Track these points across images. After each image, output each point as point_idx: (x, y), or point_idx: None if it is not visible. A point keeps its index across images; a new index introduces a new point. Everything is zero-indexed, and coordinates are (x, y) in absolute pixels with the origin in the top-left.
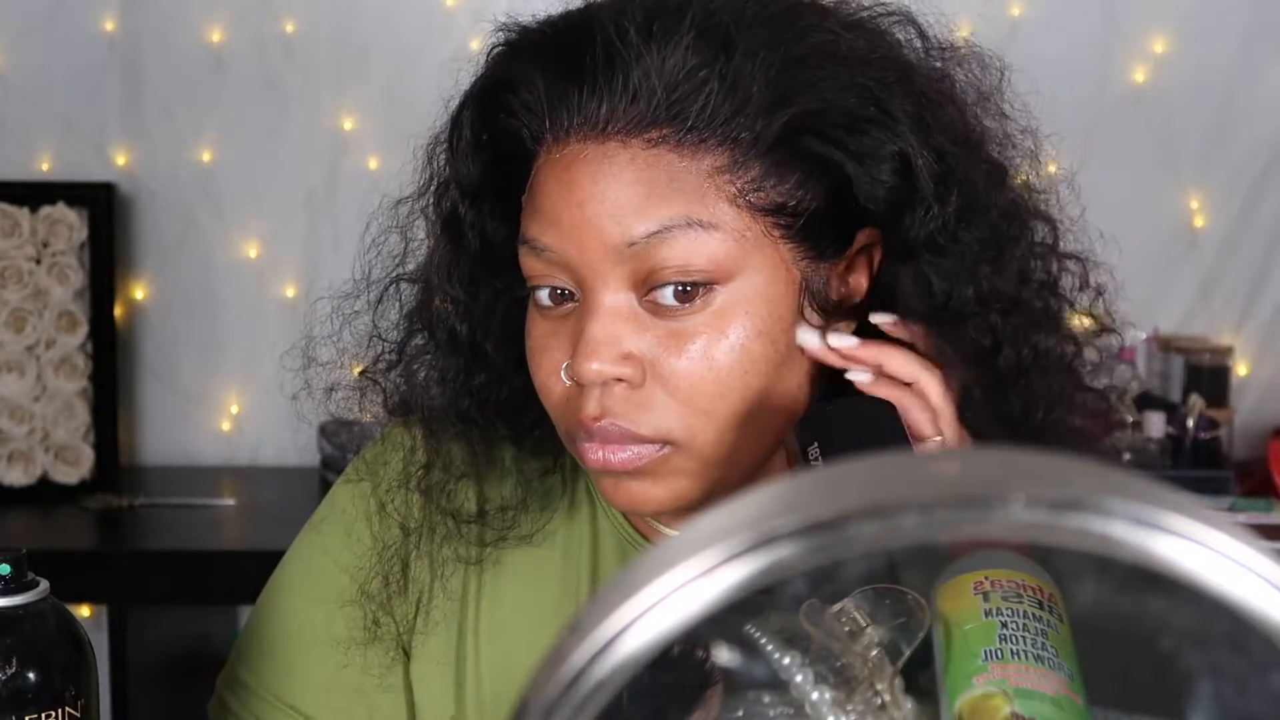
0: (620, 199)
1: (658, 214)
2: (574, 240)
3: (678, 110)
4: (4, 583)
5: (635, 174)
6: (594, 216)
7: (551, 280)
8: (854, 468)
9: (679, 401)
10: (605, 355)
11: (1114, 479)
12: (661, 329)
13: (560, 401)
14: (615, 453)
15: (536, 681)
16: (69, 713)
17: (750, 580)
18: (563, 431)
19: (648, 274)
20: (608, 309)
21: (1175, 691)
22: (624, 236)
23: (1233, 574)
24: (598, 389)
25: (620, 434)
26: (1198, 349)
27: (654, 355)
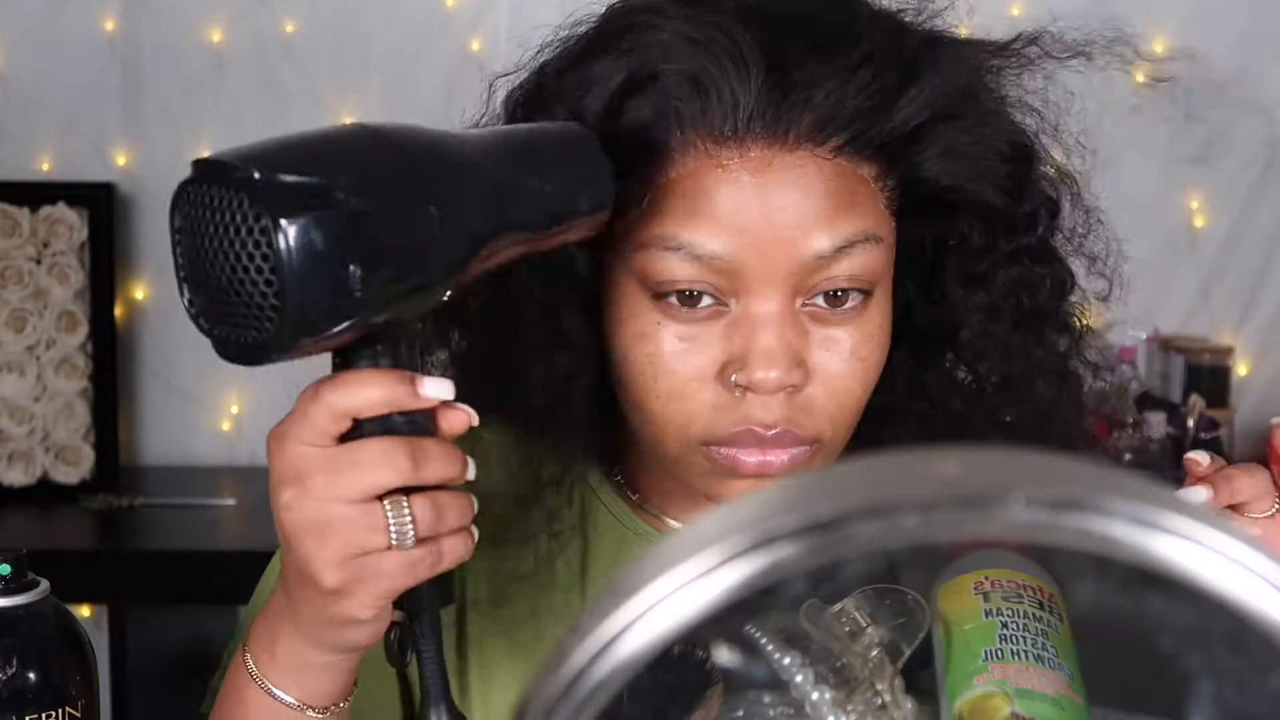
0: (811, 212)
1: (845, 229)
2: (756, 250)
3: (855, 121)
4: (4, 583)
5: (824, 186)
6: (784, 228)
7: (701, 285)
8: (854, 468)
9: (835, 403)
10: (783, 363)
11: (1114, 479)
12: (819, 333)
13: (703, 408)
14: (778, 456)
15: (536, 681)
16: (69, 713)
17: (750, 580)
18: (686, 437)
19: (815, 284)
20: (778, 316)
21: (1175, 691)
22: (812, 250)
23: (1233, 574)
24: (768, 396)
25: (789, 438)
26: (1198, 349)
27: (814, 359)
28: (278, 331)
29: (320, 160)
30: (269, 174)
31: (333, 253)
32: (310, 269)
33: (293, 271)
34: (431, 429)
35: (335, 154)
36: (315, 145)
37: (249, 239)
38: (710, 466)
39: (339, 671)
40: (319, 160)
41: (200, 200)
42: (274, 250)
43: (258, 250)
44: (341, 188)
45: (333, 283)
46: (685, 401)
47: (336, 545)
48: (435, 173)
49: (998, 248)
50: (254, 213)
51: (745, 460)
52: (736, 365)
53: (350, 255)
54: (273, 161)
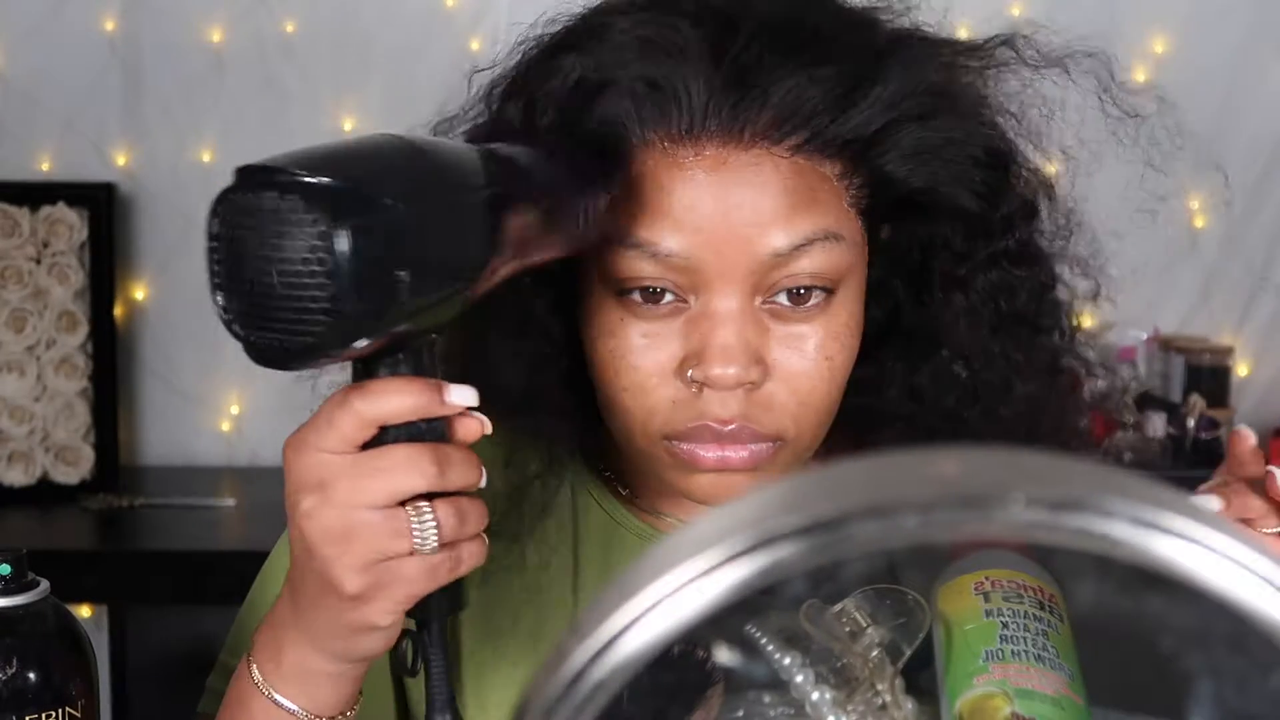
0: (767, 210)
1: (803, 227)
2: (713, 249)
3: (813, 119)
4: (4, 583)
5: (781, 184)
6: (740, 226)
7: (662, 282)
8: (854, 468)
9: (797, 401)
10: (741, 360)
11: (1114, 479)
12: (780, 330)
13: (662, 403)
14: (737, 452)
15: (536, 681)
16: (69, 713)
17: (750, 580)
18: (648, 431)
19: (775, 281)
20: (737, 313)
21: (1175, 691)
22: (769, 248)
23: (1233, 574)
24: (726, 392)
25: (747, 434)
26: (1198, 349)
27: (775, 356)
28: (326, 335)
29: (370, 168)
30: (322, 179)
31: (385, 259)
32: (364, 274)
33: (348, 275)
34: (448, 435)
35: (382, 163)
36: (362, 153)
37: (304, 243)
38: (672, 460)
39: (347, 681)
40: (369, 168)
41: (247, 206)
42: (331, 254)
43: (314, 254)
44: (392, 195)
45: (382, 289)
46: (646, 396)
47: (359, 551)
48: (472, 183)
49: (976, 252)
50: (311, 217)
51: (704, 455)
52: (694, 361)
53: (400, 262)
54: (324, 167)
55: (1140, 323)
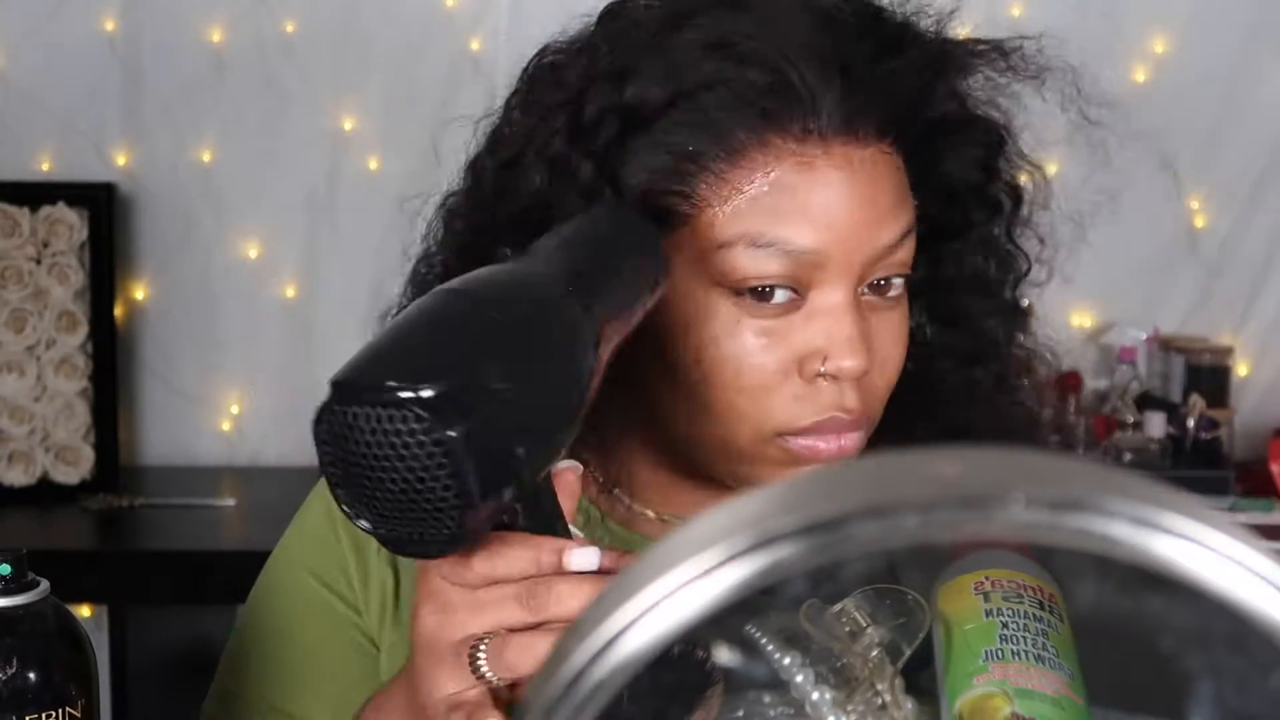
0: (883, 205)
1: (904, 220)
2: (843, 246)
3: (903, 118)
4: (4, 583)
5: (890, 179)
6: (867, 219)
7: (784, 280)
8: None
9: (885, 385)
10: (864, 351)
11: (1114, 479)
12: (873, 319)
13: (784, 400)
14: (852, 440)
15: (536, 682)
16: (69, 713)
17: (750, 580)
18: (763, 431)
19: (875, 272)
20: (850, 305)
21: (1175, 691)
22: (883, 241)
23: (1233, 574)
24: (846, 383)
25: (863, 422)
26: (1198, 349)
27: (873, 343)
28: (459, 526)
29: (462, 356)
30: (424, 391)
31: (502, 443)
32: (486, 466)
33: (472, 473)
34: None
35: (470, 344)
36: (443, 339)
37: (420, 453)
38: (784, 457)
39: None
40: (461, 357)
41: (349, 422)
42: (451, 458)
43: (432, 460)
44: (491, 377)
45: (506, 470)
46: (770, 395)
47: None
48: (553, 326)
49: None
50: (422, 427)
51: (824, 447)
52: (819, 355)
53: (515, 440)
54: (415, 370)
55: (1140, 323)
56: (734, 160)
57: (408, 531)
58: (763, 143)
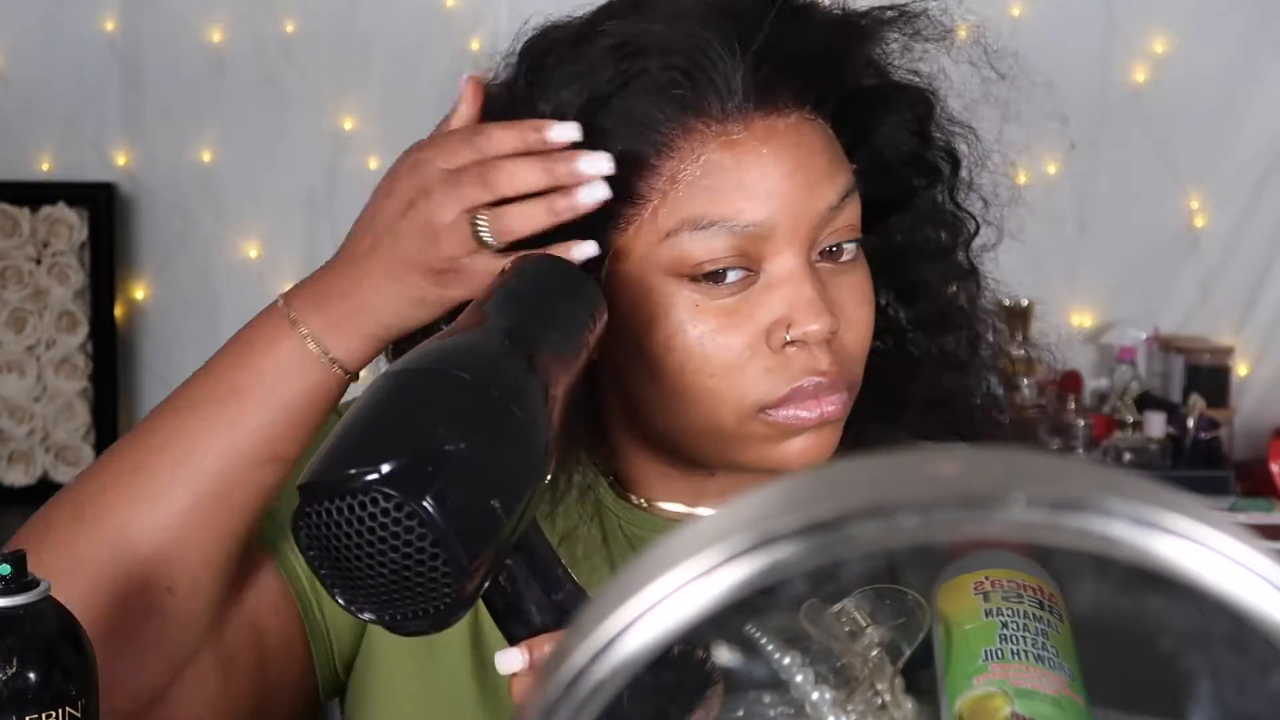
0: (816, 169)
1: (840, 182)
2: (788, 213)
3: (824, 81)
4: (4, 583)
5: (819, 144)
6: (806, 184)
7: (733, 259)
8: (854, 468)
9: (859, 346)
10: (827, 310)
11: (1114, 479)
12: (833, 284)
13: (757, 375)
14: (833, 403)
15: (537, 681)
16: (69, 713)
17: (750, 580)
18: (742, 409)
19: (822, 237)
20: (805, 270)
21: (1175, 691)
22: (825, 204)
23: (1233, 574)
24: (815, 346)
25: (841, 382)
26: (1198, 349)
27: (836, 305)
28: (457, 591)
29: (411, 427)
30: (379, 465)
31: (474, 500)
32: (465, 525)
33: (454, 537)
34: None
35: (419, 414)
36: (394, 416)
37: (397, 530)
38: (770, 432)
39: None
40: (410, 428)
41: (325, 520)
42: (430, 528)
43: (413, 535)
44: (448, 439)
45: (487, 526)
46: (740, 373)
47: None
48: (498, 381)
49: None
50: (393, 505)
51: (805, 415)
52: (783, 324)
53: (486, 494)
54: (376, 452)
55: (1140, 323)
56: (662, 152)
57: (409, 610)
58: (686, 129)
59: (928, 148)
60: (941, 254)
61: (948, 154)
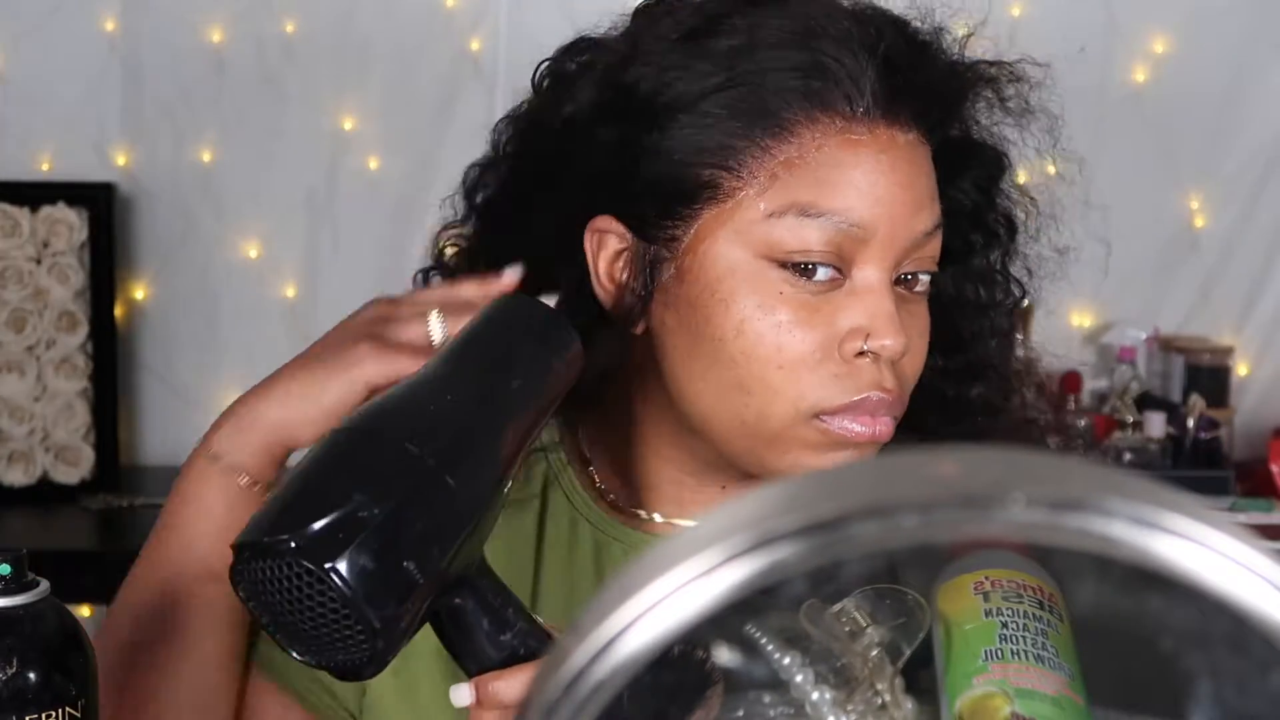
0: (923, 190)
1: (937, 211)
2: (888, 220)
3: (942, 112)
4: (4, 583)
5: (927, 168)
6: (909, 201)
7: (826, 255)
8: (854, 468)
9: (913, 374)
10: (903, 330)
11: (1114, 479)
12: (903, 309)
13: (823, 378)
14: (885, 424)
15: (537, 682)
16: (69, 713)
17: (750, 580)
18: (799, 409)
19: (905, 262)
20: (889, 287)
21: (1175, 691)
22: (921, 227)
23: (1233, 574)
24: (883, 364)
25: (896, 405)
26: (1198, 349)
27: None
28: (376, 646)
29: (330, 492)
30: (297, 531)
31: (385, 564)
32: (374, 588)
33: (361, 599)
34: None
35: (340, 477)
36: (319, 479)
37: (312, 592)
38: (819, 439)
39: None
40: (329, 492)
41: (255, 577)
42: (337, 592)
43: (324, 597)
44: (362, 505)
45: (398, 586)
46: (809, 372)
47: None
48: (430, 441)
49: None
50: (302, 570)
51: (858, 429)
52: (861, 334)
53: (400, 555)
54: (295, 517)
55: (1140, 323)
56: (781, 136)
57: (340, 659)
58: (810, 119)
59: (990, 209)
60: (982, 312)
61: (1006, 220)
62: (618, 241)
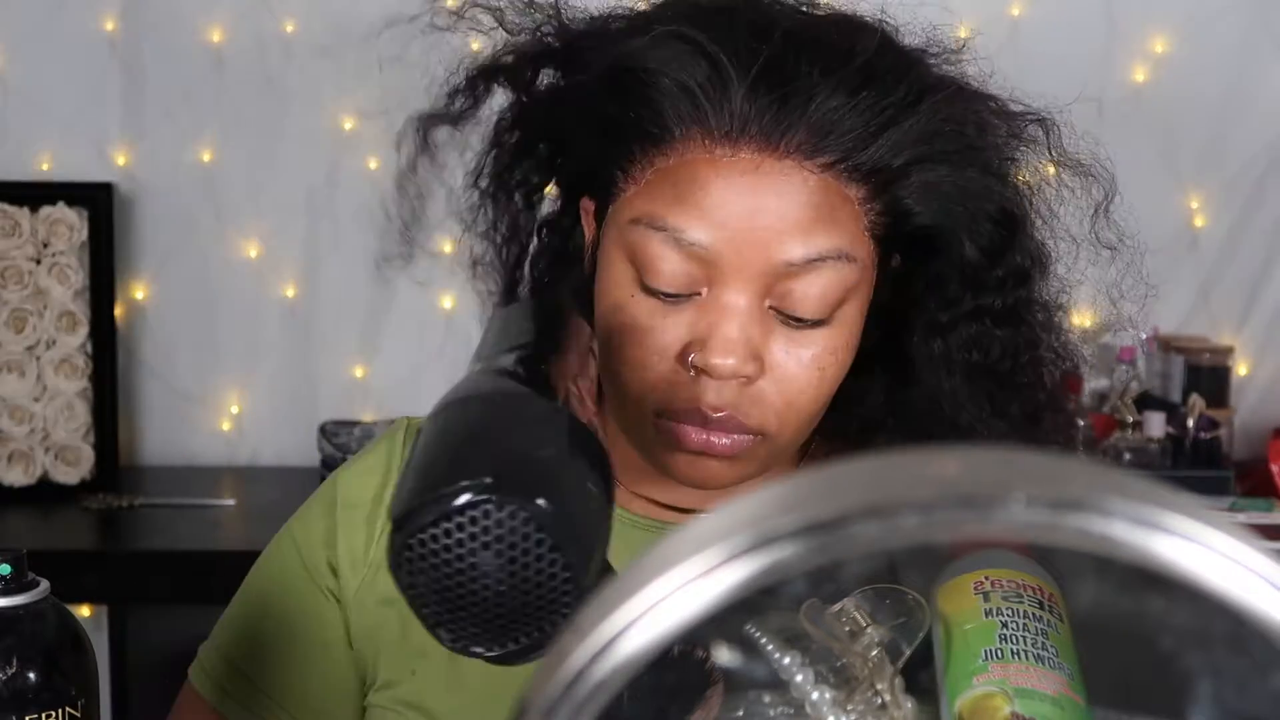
0: (790, 219)
1: (819, 243)
2: (734, 247)
3: (847, 141)
4: (4, 583)
5: (807, 198)
6: (763, 230)
7: (678, 270)
8: (854, 468)
9: (784, 401)
10: (740, 354)
11: (1114, 479)
12: (781, 335)
13: (659, 382)
14: (720, 439)
15: (536, 681)
16: (69, 713)
17: (750, 580)
18: (642, 406)
19: (785, 291)
20: (744, 310)
21: (1175, 691)
22: (785, 256)
23: (1233, 574)
24: (720, 381)
25: (733, 424)
26: (1198, 349)
27: (772, 357)
28: (579, 598)
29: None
30: (480, 478)
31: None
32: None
33: (569, 536)
34: None
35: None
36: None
37: (515, 538)
38: (658, 436)
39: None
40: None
41: (430, 546)
42: (546, 530)
43: (529, 541)
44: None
45: (594, 521)
46: (646, 372)
47: None
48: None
49: (964, 301)
50: (507, 513)
51: (690, 436)
52: (697, 347)
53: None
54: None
55: (1140, 323)
56: (660, 144)
57: (523, 633)
58: (685, 132)
59: (996, 265)
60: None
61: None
62: (591, 222)
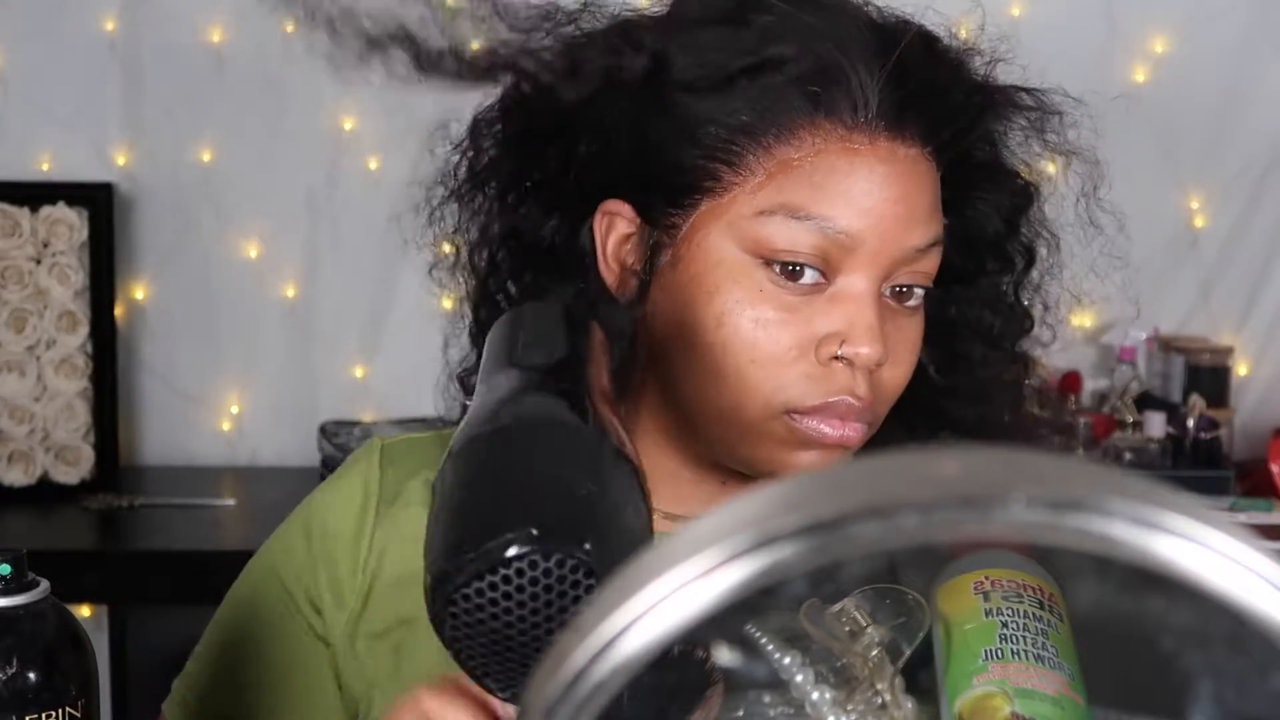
0: (921, 206)
1: (935, 228)
2: (878, 232)
3: (951, 130)
4: (4, 583)
5: (929, 184)
6: (903, 216)
7: (813, 258)
8: (854, 468)
9: (894, 386)
10: (882, 341)
11: (1114, 479)
12: (891, 322)
13: (796, 378)
14: (856, 430)
15: (536, 682)
16: (69, 713)
17: (750, 580)
18: (771, 404)
19: (900, 274)
20: (875, 297)
21: (1175, 691)
22: (913, 242)
23: (1233, 574)
24: (859, 370)
25: (866, 414)
26: (1198, 349)
27: (888, 342)
28: None
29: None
30: (525, 528)
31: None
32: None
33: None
34: None
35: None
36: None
37: (566, 587)
38: (789, 436)
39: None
40: (536, 482)
41: (475, 601)
42: (595, 574)
43: (578, 589)
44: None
45: (635, 545)
46: (782, 369)
47: None
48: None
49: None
50: (554, 562)
51: (828, 431)
52: (838, 339)
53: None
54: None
55: (1140, 323)
56: (783, 136)
57: None
58: (813, 124)
59: (1011, 238)
60: (990, 338)
61: (1026, 251)
62: (626, 225)
